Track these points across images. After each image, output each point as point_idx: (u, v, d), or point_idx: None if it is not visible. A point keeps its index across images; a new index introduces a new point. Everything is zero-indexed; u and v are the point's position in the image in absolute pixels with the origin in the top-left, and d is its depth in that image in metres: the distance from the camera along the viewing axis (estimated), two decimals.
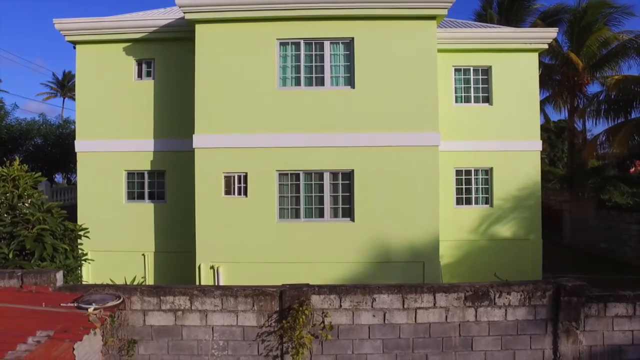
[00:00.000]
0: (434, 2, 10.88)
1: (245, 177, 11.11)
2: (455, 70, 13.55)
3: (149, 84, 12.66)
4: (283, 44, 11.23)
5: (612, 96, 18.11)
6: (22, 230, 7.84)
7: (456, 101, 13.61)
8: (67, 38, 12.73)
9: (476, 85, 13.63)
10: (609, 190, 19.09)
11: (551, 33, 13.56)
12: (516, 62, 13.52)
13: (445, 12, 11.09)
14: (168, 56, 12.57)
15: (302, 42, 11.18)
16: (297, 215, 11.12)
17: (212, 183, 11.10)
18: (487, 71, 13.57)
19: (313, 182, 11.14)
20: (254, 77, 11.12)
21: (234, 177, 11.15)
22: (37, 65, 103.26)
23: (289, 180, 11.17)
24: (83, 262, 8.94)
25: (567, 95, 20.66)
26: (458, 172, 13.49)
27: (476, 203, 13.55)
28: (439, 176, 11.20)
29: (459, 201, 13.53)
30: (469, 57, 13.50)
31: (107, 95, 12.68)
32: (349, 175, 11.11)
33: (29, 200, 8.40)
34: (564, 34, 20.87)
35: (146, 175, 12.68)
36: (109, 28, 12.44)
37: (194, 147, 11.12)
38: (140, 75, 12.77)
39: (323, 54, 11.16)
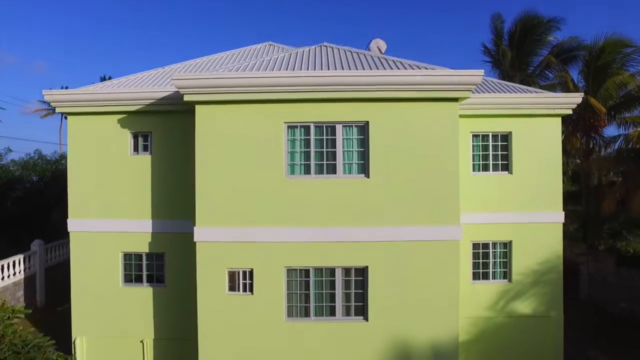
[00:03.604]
0: (456, 84, 10.00)
1: (251, 273, 10.29)
2: (474, 136, 12.74)
3: (145, 159, 11.79)
4: (291, 127, 10.35)
5: (630, 144, 17.21)
6: None
7: (474, 169, 12.81)
8: (58, 109, 11.84)
9: (495, 153, 12.82)
10: (626, 238, 18.32)
11: (576, 98, 12.69)
12: (538, 127, 12.70)
13: (469, 94, 10.21)
14: (166, 130, 11.71)
15: (312, 125, 10.30)
16: (307, 314, 10.34)
17: (215, 278, 10.29)
18: (506, 137, 12.74)
19: (324, 279, 10.34)
20: (260, 164, 10.25)
21: (238, 272, 10.34)
22: (37, 65, 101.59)
23: (298, 277, 10.36)
24: None
25: (582, 136, 19.78)
26: (475, 246, 12.74)
27: (494, 278, 12.81)
28: (459, 274, 10.39)
29: (475, 276, 12.78)
30: (488, 123, 12.66)
31: (102, 171, 11.83)
32: (362, 272, 10.30)
33: (7, 340, 7.51)
34: (579, 73, 19.99)
35: (144, 257, 11.87)
36: (103, 100, 11.53)
37: (195, 240, 10.29)
38: (136, 150, 11.89)
39: (335, 139, 10.29)
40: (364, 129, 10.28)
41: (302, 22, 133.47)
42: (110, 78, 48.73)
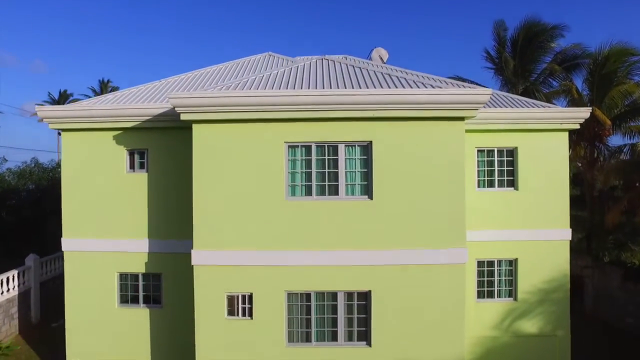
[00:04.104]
0: (463, 103, 9.68)
1: (251, 297, 9.97)
2: (478, 151, 12.44)
3: (142, 177, 11.47)
4: (292, 147, 10.02)
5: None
6: None
7: (479, 185, 12.52)
8: (51, 126, 11.50)
9: (501, 168, 12.53)
10: (631, 249, 18.01)
11: (584, 113, 12.39)
12: (545, 142, 12.42)
13: (475, 113, 9.89)
14: (163, 147, 11.39)
15: (313, 145, 9.97)
16: (308, 339, 10.02)
17: (213, 303, 9.97)
18: (512, 152, 12.45)
19: (326, 303, 10.02)
20: (260, 185, 9.92)
21: (237, 296, 10.02)
22: (36, 65, 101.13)
23: (299, 301, 10.04)
24: None
25: (586, 145, 19.44)
26: (480, 264, 12.46)
27: (499, 296, 12.52)
28: (465, 297, 10.08)
29: (480, 294, 12.50)
30: (494, 138, 12.37)
31: (97, 189, 11.50)
32: (365, 296, 9.99)
33: None
34: (584, 81, 19.59)
35: (141, 278, 11.55)
36: (98, 116, 11.20)
37: (193, 264, 9.97)
38: (132, 167, 11.56)
39: (337, 159, 9.96)
40: (367, 148, 9.96)
41: (306, 28, 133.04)
42: (109, 81, 48.46)
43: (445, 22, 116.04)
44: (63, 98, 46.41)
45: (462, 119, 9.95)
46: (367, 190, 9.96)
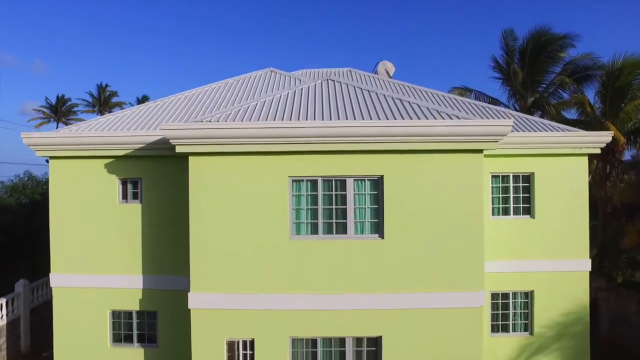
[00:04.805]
0: (482, 134, 8.96)
1: (252, 343, 9.25)
2: (493, 177, 11.77)
3: (135, 207, 10.74)
4: (296, 182, 9.29)
5: None
6: None
7: (493, 213, 11.84)
8: (39, 154, 10.75)
9: (516, 195, 11.87)
10: None
11: (606, 137, 11.73)
12: (563, 167, 11.77)
13: (495, 145, 9.17)
14: (157, 176, 10.66)
15: (319, 179, 9.24)
16: None
17: (212, 349, 9.24)
18: (529, 178, 11.77)
19: (333, 349, 9.31)
20: (262, 222, 9.19)
21: (238, 342, 9.30)
22: (36, 65, 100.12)
23: (305, 347, 9.33)
24: None
25: (598, 161, 18.73)
26: (494, 296, 11.81)
27: (514, 330, 11.89)
28: (482, 342, 9.39)
29: (494, 328, 11.86)
30: (509, 163, 11.69)
31: (87, 220, 10.78)
32: (375, 342, 9.28)
33: None
34: (596, 94, 18.86)
35: (135, 316, 10.84)
36: (88, 144, 10.45)
37: (190, 307, 9.24)
38: (125, 197, 10.83)
39: (345, 195, 9.23)
40: (377, 183, 9.23)
41: (307, 26, 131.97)
42: (107, 85, 47.51)
43: (448, 22, 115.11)
44: (60, 103, 45.60)
45: (480, 151, 9.24)
46: (378, 229, 9.24)
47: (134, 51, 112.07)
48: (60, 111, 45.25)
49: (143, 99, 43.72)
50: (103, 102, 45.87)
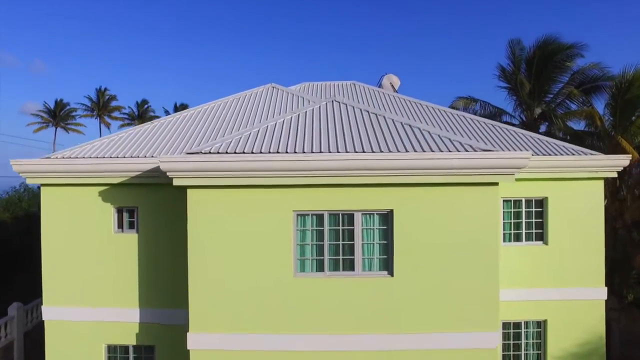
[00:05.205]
0: (499, 167, 8.47)
1: None
2: (504, 202, 11.31)
3: (131, 237, 10.26)
4: (301, 216, 8.80)
5: None
6: None
7: (504, 240, 11.38)
8: (30, 181, 10.29)
9: (529, 220, 11.46)
10: None
11: (623, 161, 11.25)
12: (578, 192, 11.34)
13: (512, 178, 8.68)
14: (154, 204, 10.18)
15: (325, 214, 8.75)
16: None
17: None
18: (542, 203, 11.32)
19: None
20: (265, 259, 8.70)
21: None
22: (36, 65, 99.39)
23: None
24: None
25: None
26: (505, 326, 11.38)
27: None
28: None
29: (505, 359, 11.36)
30: (521, 187, 11.17)
31: (81, 251, 10.31)
32: None
33: None
34: (605, 106, 18.37)
35: (131, 350, 10.39)
36: (82, 172, 9.95)
37: (188, 348, 8.76)
38: (121, 227, 10.35)
39: (353, 230, 8.75)
40: (387, 217, 8.74)
41: (307, 26, 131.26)
42: (106, 89, 46.99)
43: (449, 21, 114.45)
44: (59, 107, 45.07)
45: (496, 183, 8.75)
46: (387, 265, 8.76)
47: (134, 51, 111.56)
48: (59, 116, 44.74)
49: (142, 103, 43.21)
50: (102, 107, 45.32)
